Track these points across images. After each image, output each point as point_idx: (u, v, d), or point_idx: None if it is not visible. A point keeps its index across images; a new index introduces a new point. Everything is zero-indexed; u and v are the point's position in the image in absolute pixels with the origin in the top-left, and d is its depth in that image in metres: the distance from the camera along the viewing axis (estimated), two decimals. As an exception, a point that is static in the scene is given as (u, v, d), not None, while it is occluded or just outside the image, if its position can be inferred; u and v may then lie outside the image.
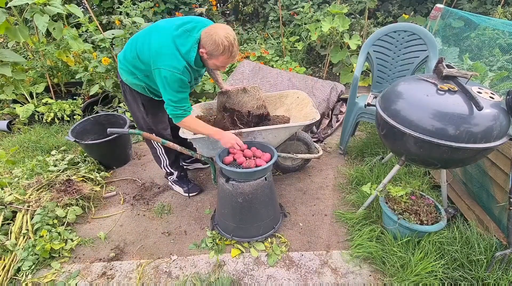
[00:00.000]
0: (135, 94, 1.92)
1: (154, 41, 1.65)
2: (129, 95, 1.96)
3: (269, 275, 1.74)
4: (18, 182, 2.29)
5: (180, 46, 1.62)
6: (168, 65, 1.60)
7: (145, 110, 1.97)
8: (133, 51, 1.74)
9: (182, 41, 1.63)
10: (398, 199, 1.84)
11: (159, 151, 2.21)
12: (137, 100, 1.95)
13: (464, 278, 1.58)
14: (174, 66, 1.60)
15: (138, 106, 1.96)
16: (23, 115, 3.19)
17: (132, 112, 2.05)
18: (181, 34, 1.63)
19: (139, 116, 2.01)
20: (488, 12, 4.45)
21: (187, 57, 1.63)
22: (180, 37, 1.63)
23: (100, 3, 4.76)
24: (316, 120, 2.00)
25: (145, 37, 1.72)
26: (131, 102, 1.98)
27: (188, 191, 2.35)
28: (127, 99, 1.99)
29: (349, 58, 3.97)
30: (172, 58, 1.61)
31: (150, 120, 2.01)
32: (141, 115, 2.00)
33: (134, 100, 1.96)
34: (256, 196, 1.79)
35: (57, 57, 3.39)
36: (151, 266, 1.83)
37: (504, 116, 1.41)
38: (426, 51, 2.33)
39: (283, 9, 4.68)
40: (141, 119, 2.02)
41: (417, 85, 1.57)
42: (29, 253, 1.80)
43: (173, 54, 1.61)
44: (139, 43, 1.73)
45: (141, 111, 1.98)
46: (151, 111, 1.99)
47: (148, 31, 1.73)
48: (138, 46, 1.72)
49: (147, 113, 1.98)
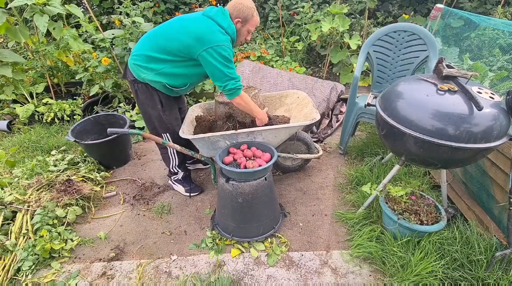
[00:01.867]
0: (152, 91, 1.91)
1: (192, 27, 1.71)
2: (143, 94, 1.93)
3: (269, 275, 1.74)
4: (18, 182, 2.29)
5: (221, 22, 1.73)
6: (219, 41, 1.68)
7: (162, 107, 1.98)
8: (159, 47, 1.77)
9: (221, 18, 1.74)
10: (398, 199, 1.84)
11: (170, 151, 2.20)
12: (154, 97, 1.93)
13: (464, 278, 1.58)
14: (224, 39, 1.70)
15: (155, 103, 1.95)
16: (23, 115, 3.19)
17: (144, 112, 2.02)
18: (216, 12, 1.75)
19: (155, 114, 1.99)
20: (488, 12, 4.45)
21: (229, 30, 1.76)
22: (217, 15, 1.74)
23: (100, 3, 4.76)
24: (316, 120, 2.00)
25: (172, 29, 1.77)
26: (146, 101, 1.95)
27: (189, 190, 2.35)
28: (140, 98, 1.95)
29: (349, 58, 3.97)
30: (220, 34, 1.71)
31: (167, 117, 2.02)
32: (157, 113, 1.98)
33: (150, 98, 1.93)
34: (256, 196, 1.79)
35: (57, 57, 3.39)
36: (151, 266, 1.83)
37: (504, 116, 1.41)
38: (426, 51, 2.33)
39: (283, 9, 4.68)
40: (156, 117, 2.00)
41: (417, 85, 1.57)
42: (29, 253, 1.80)
43: (219, 30, 1.71)
44: (162, 36, 1.78)
45: (157, 109, 1.97)
46: (168, 108, 2.01)
47: (170, 26, 1.79)
48: (165, 40, 1.76)
49: (164, 110, 1.99)
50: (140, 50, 1.84)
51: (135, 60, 1.85)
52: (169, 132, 2.07)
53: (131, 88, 1.97)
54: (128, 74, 1.93)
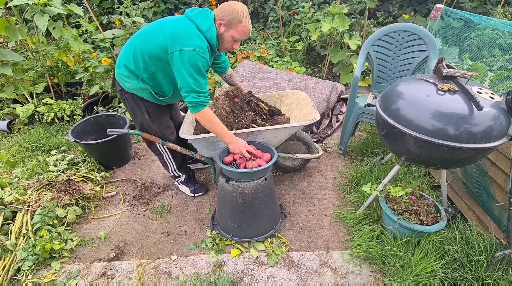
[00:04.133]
0: (138, 101, 1.85)
1: (168, 27, 1.59)
2: (131, 104, 1.87)
3: (269, 275, 1.74)
4: (18, 182, 2.29)
5: (200, 24, 1.58)
6: (191, 45, 1.52)
7: (150, 118, 1.90)
8: (136, 51, 1.68)
9: (201, 19, 1.59)
10: (398, 199, 1.84)
11: (166, 157, 2.16)
12: (141, 107, 1.87)
13: (464, 278, 1.58)
14: (198, 45, 1.54)
15: (143, 113, 1.89)
16: (23, 115, 3.19)
17: (135, 120, 1.96)
18: (198, 13, 1.61)
19: (144, 123, 1.94)
20: (488, 12, 4.45)
21: (208, 34, 1.60)
22: (199, 16, 1.60)
23: (100, 3, 4.76)
24: (316, 120, 1.99)
25: (149, 32, 1.66)
26: (135, 110, 1.90)
27: (194, 191, 2.35)
28: (128, 108, 1.91)
29: (349, 58, 3.97)
30: (195, 37, 1.55)
31: (156, 126, 1.95)
32: (147, 123, 1.93)
33: (137, 108, 1.88)
34: (256, 196, 1.79)
35: (57, 57, 3.39)
36: (151, 266, 1.83)
37: (504, 116, 1.41)
38: (426, 51, 2.33)
39: (283, 9, 4.68)
40: (147, 126, 1.95)
41: (417, 85, 1.57)
42: (29, 253, 1.80)
43: (194, 33, 1.55)
44: (140, 41, 1.68)
45: (146, 119, 1.91)
46: (157, 118, 1.93)
47: (148, 28, 1.69)
48: (141, 43, 1.66)
49: (153, 120, 1.92)
50: (122, 59, 1.76)
51: (118, 69, 1.79)
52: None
53: (121, 96, 1.92)
54: (116, 84, 1.89)
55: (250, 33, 1.67)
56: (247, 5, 4.99)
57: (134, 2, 4.01)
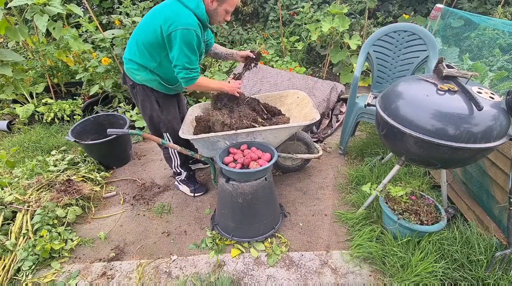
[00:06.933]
0: (148, 92, 1.94)
1: (159, 13, 1.68)
2: (142, 95, 1.95)
3: (269, 275, 1.74)
4: (18, 182, 2.29)
5: (188, 2, 1.66)
6: (183, 23, 1.62)
7: (159, 107, 2.00)
8: (138, 43, 1.77)
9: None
10: (398, 199, 1.84)
11: (171, 151, 2.22)
12: (150, 98, 1.96)
13: (464, 278, 1.58)
14: (189, 23, 1.63)
15: (152, 104, 1.98)
16: (23, 115, 3.19)
17: (145, 114, 2.04)
18: None
19: (154, 115, 2.02)
20: (488, 12, 4.44)
21: (197, 11, 1.68)
22: None
23: (100, 3, 4.76)
24: (316, 120, 1.99)
25: (145, 22, 1.76)
26: (144, 102, 1.98)
27: (194, 191, 2.35)
28: (139, 100, 1.99)
29: (349, 58, 3.97)
30: (185, 16, 1.64)
31: (165, 116, 2.03)
32: (156, 113, 2.01)
33: (147, 99, 1.96)
34: (256, 196, 1.79)
35: (57, 57, 3.39)
36: (151, 266, 1.83)
37: (504, 116, 1.41)
38: (426, 51, 2.33)
39: (283, 9, 4.68)
40: (156, 117, 2.03)
41: (417, 85, 1.57)
42: (29, 253, 1.80)
43: (184, 12, 1.64)
44: (139, 33, 1.78)
45: (155, 109, 1.99)
46: (165, 107, 2.03)
47: (144, 19, 1.78)
48: (141, 35, 1.76)
49: (161, 110, 2.01)
50: (128, 55, 1.87)
51: (127, 65, 1.89)
52: (169, 131, 2.08)
53: (131, 92, 2.01)
54: (126, 80, 1.97)
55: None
56: (247, 5, 4.99)
57: (134, 2, 4.00)
